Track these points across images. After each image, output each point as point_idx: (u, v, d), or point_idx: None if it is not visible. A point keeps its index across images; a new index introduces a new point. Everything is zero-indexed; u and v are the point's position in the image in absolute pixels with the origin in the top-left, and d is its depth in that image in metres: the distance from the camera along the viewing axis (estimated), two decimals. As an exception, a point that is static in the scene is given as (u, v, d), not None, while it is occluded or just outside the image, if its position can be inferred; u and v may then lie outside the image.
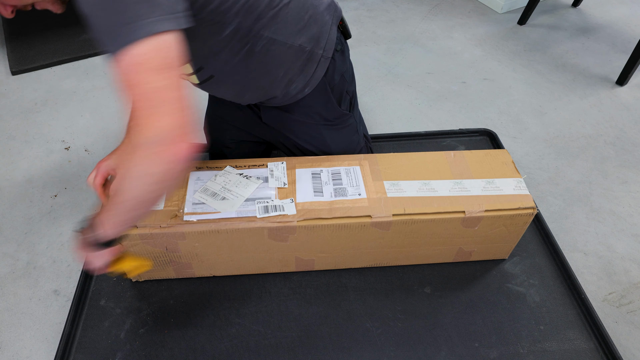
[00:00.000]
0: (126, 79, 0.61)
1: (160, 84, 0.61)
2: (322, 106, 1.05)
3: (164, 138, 0.63)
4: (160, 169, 0.65)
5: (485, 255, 1.14)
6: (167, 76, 0.62)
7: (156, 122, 0.62)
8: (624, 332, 1.13)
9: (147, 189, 0.67)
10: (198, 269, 1.06)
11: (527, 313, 1.06)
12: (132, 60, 0.60)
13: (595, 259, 1.29)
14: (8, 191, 1.43)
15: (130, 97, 0.62)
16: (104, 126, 1.66)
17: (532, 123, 1.73)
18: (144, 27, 0.59)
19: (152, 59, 0.60)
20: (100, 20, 0.60)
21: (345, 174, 1.04)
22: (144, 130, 0.62)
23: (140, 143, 0.63)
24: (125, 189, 0.68)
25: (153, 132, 0.62)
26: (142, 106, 0.62)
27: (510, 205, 1.00)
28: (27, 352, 1.06)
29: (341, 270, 1.12)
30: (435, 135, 1.53)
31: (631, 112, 1.79)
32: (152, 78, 0.61)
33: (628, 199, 1.46)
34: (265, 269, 1.09)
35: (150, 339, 1.00)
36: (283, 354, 0.98)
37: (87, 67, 1.94)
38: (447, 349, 1.00)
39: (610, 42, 2.16)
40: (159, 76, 0.61)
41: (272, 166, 1.04)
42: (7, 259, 1.25)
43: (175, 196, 0.97)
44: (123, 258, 0.90)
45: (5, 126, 1.65)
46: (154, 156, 0.63)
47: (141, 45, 0.59)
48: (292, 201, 0.97)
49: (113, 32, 0.59)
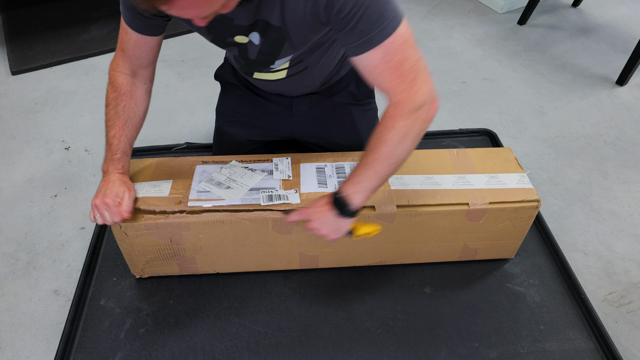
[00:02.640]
0: (397, 58, 0.76)
1: (418, 55, 0.78)
2: (354, 86, 1.15)
3: (427, 100, 0.78)
4: (425, 126, 0.81)
5: (491, 253, 1.13)
6: (418, 49, 0.78)
7: (422, 88, 0.78)
8: (624, 332, 1.13)
9: (412, 147, 0.82)
10: (202, 264, 1.06)
11: (527, 313, 1.06)
12: (401, 40, 0.75)
13: (595, 259, 1.29)
14: (8, 191, 1.43)
15: (394, 77, 0.77)
16: (104, 126, 1.66)
17: (532, 123, 1.73)
18: (399, 13, 0.74)
19: (410, 36, 0.77)
20: (373, 10, 0.72)
21: (349, 169, 1.04)
22: (414, 96, 0.77)
23: (410, 108, 0.78)
24: (393, 152, 0.80)
25: (421, 97, 0.78)
26: (407, 78, 0.77)
27: (514, 198, 1.00)
28: (27, 352, 1.06)
29: (341, 270, 1.12)
30: (435, 135, 1.53)
31: (631, 112, 1.79)
32: (415, 51, 0.77)
33: (628, 199, 1.46)
34: (269, 266, 1.09)
35: (150, 339, 1.00)
36: (283, 354, 0.98)
37: (87, 67, 1.94)
38: (447, 349, 1.00)
39: (610, 42, 2.16)
40: (416, 49, 0.77)
41: (277, 161, 1.05)
42: (7, 259, 1.25)
43: (181, 185, 0.98)
44: (357, 225, 0.92)
45: (5, 126, 1.65)
46: (424, 115, 0.79)
47: (402, 27, 0.74)
48: (296, 191, 0.98)
49: (383, 20, 0.73)
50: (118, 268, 1.11)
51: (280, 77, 1.02)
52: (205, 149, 1.43)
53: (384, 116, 0.82)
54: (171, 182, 0.99)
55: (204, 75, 1.90)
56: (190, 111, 1.73)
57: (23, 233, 1.31)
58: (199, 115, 1.72)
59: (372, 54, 0.76)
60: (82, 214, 1.37)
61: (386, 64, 0.76)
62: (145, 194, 0.96)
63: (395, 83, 0.78)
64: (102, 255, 1.14)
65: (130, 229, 0.94)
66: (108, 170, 0.92)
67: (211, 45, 0.96)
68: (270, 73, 1.01)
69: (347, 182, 0.85)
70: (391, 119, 0.80)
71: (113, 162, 0.92)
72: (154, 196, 0.95)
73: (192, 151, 1.43)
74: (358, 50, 0.77)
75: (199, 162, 1.05)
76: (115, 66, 0.93)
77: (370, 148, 0.82)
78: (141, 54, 0.91)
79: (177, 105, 1.76)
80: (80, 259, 1.24)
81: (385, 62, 0.76)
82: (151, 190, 0.96)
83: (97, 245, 1.15)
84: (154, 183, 0.98)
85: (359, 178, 0.83)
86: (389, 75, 0.77)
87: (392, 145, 0.80)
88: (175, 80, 1.88)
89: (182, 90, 1.83)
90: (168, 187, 0.98)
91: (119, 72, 0.93)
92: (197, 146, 1.44)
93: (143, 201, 0.94)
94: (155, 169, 1.03)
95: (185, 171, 1.02)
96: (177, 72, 1.92)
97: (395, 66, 0.76)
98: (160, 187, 0.97)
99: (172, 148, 1.43)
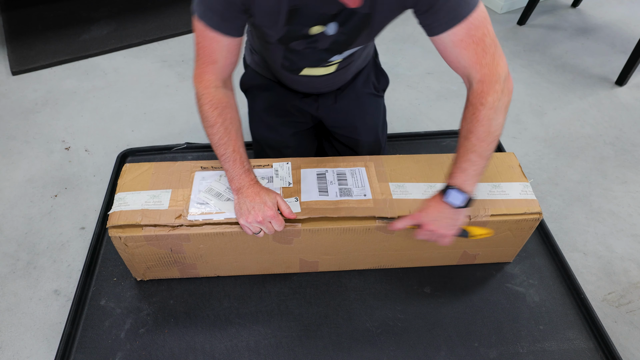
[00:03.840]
0: (480, 32, 0.80)
1: (493, 32, 0.82)
2: (374, 77, 1.19)
3: (507, 73, 0.83)
4: (510, 98, 0.84)
5: (489, 258, 1.13)
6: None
7: (502, 61, 0.82)
8: (623, 332, 1.13)
9: (504, 120, 0.84)
10: (202, 269, 1.06)
11: (526, 313, 1.07)
12: (482, 14, 0.80)
13: (594, 259, 1.29)
14: (8, 191, 1.43)
15: (477, 51, 0.80)
16: (104, 126, 1.67)
17: (531, 123, 1.74)
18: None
19: (486, 11, 0.81)
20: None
21: (350, 175, 1.03)
22: (497, 69, 0.82)
23: (495, 81, 0.81)
24: (490, 130, 0.82)
25: (503, 69, 0.82)
26: (489, 52, 0.81)
27: (516, 210, 0.98)
28: (28, 352, 1.07)
29: (341, 270, 1.12)
30: (435, 135, 1.53)
31: (630, 112, 1.79)
32: (491, 26, 0.81)
33: (627, 199, 1.46)
34: (270, 270, 1.09)
35: (150, 339, 1.00)
36: (283, 354, 0.98)
37: (87, 67, 1.94)
38: (447, 348, 1.00)
39: (610, 42, 2.16)
40: (491, 24, 0.82)
41: (277, 166, 1.04)
42: (8, 259, 1.25)
43: (180, 196, 0.97)
44: (468, 227, 0.93)
45: (5, 126, 1.65)
46: (509, 86, 0.83)
47: (481, 5, 0.80)
48: (296, 200, 0.97)
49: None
50: (118, 268, 1.11)
51: (330, 72, 1.03)
52: (205, 149, 1.44)
53: (470, 98, 0.84)
54: (170, 191, 0.98)
55: (204, 76, 1.90)
56: (190, 111, 1.73)
57: (23, 233, 1.31)
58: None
59: (457, 30, 0.79)
60: (82, 214, 1.37)
61: (470, 39, 0.80)
62: (144, 205, 0.94)
63: (479, 57, 0.81)
64: (103, 255, 1.14)
65: (130, 240, 0.93)
66: (243, 184, 0.91)
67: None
68: (322, 68, 1.01)
69: (454, 172, 0.87)
70: (479, 96, 0.82)
71: (245, 174, 0.91)
72: (154, 209, 0.94)
73: (192, 151, 1.43)
74: (444, 26, 0.79)
75: (197, 167, 1.03)
76: (207, 83, 0.88)
77: (465, 132, 0.85)
78: (232, 59, 0.88)
79: (177, 105, 1.76)
80: (80, 259, 1.24)
81: (469, 36, 0.79)
82: (150, 202, 0.95)
83: (98, 245, 1.16)
84: (153, 193, 0.97)
85: (465, 165, 0.85)
86: (473, 49, 0.80)
87: (487, 123, 0.82)
88: (175, 80, 1.88)
89: (182, 90, 1.83)
90: (167, 197, 0.96)
91: (213, 87, 0.88)
92: (197, 146, 1.44)
93: (143, 214, 0.93)
94: (154, 176, 1.01)
95: (184, 179, 1.00)
96: (177, 72, 1.92)
97: (479, 40, 0.80)
98: (160, 198, 0.96)
99: (172, 148, 1.43)
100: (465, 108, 0.85)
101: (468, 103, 0.84)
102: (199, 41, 0.86)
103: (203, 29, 0.83)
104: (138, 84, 1.86)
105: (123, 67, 1.94)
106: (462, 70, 0.85)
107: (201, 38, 0.85)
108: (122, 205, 0.95)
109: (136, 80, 1.88)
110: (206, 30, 0.83)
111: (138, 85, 1.86)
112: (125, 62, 1.97)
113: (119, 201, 0.96)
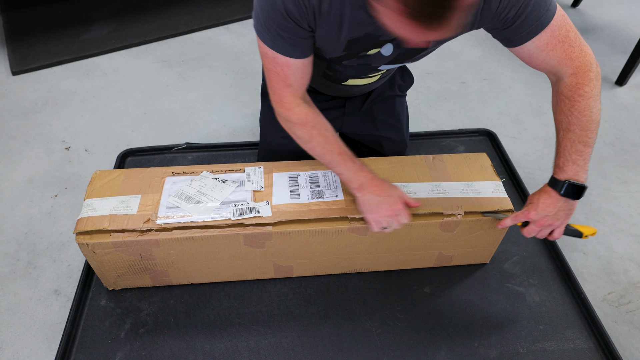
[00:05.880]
0: (563, 30, 0.80)
1: (570, 21, 0.83)
2: (399, 77, 1.20)
3: (594, 57, 0.84)
4: (600, 82, 0.84)
5: (466, 259, 1.13)
6: None
7: (587, 49, 0.83)
8: (623, 332, 1.13)
9: (600, 105, 0.84)
10: (175, 276, 1.05)
11: (526, 313, 1.07)
12: (560, 12, 0.79)
13: (594, 259, 1.29)
14: (8, 191, 1.43)
15: (565, 48, 0.81)
16: (104, 126, 1.66)
17: (531, 123, 1.74)
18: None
19: (561, 8, 0.81)
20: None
21: (322, 177, 1.03)
22: (586, 58, 0.82)
23: (587, 71, 0.82)
24: (592, 118, 0.82)
25: (591, 57, 0.83)
26: (576, 44, 0.82)
27: (488, 208, 0.99)
28: (28, 352, 1.06)
29: (317, 275, 1.12)
30: (435, 135, 1.53)
31: (630, 113, 1.79)
32: (569, 20, 0.82)
33: (627, 199, 1.46)
34: (244, 276, 1.08)
35: (150, 339, 1.00)
36: (283, 354, 0.98)
37: (87, 67, 1.94)
38: (447, 348, 1.00)
39: (610, 42, 2.16)
40: (569, 18, 0.82)
41: (249, 170, 1.03)
42: (8, 259, 1.25)
43: (150, 200, 0.96)
44: (576, 226, 0.94)
45: (5, 126, 1.65)
46: (598, 72, 0.84)
47: (555, 2, 0.79)
48: (267, 204, 0.96)
49: (545, 1, 0.77)
50: (118, 268, 1.11)
51: (373, 81, 1.04)
52: (205, 149, 1.44)
53: (563, 91, 0.84)
54: (140, 197, 0.96)
55: (204, 76, 1.90)
56: (190, 111, 1.73)
57: (23, 233, 1.31)
58: (199, 115, 1.72)
59: (541, 36, 0.79)
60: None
61: (555, 39, 0.80)
62: (113, 210, 0.93)
63: (568, 53, 0.81)
64: (103, 255, 1.14)
65: (98, 247, 0.92)
66: (364, 181, 0.91)
67: (211, 46, 0.95)
68: (367, 78, 1.01)
69: (565, 166, 0.86)
70: (575, 88, 0.82)
71: (361, 171, 0.91)
72: (122, 214, 0.93)
73: (192, 151, 1.43)
74: (527, 37, 0.80)
75: (169, 173, 1.02)
76: (288, 105, 0.88)
77: (565, 125, 0.85)
78: (306, 76, 0.88)
79: (177, 105, 1.76)
80: (80, 259, 1.24)
81: (554, 37, 0.80)
82: (119, 207, 0.94)
83: (98, 245, 1.15)
84: (122, 198, 0.96)
85: (574, 157, 0.85)
86: (561, 48, 0.81)
87: (589, 112, 0.82)
88: (175, 80, 1.88)
89: (182, 90, 1.83)
90: (137, 202, 0.95)
91: (296, 106, 0.88)
92: (197, 146, 1.44)
93: (111, 219, 0.92)
94: (124, 182, 1.00)
95: (154, 184, 0.99)
96: (177, 72, 1.92)
97: (564, 38, 0.80)
98: (129, 203, 0.95)
99: (172, 148, 1.43)
100: (558, 101, 0.85)
101: (562, 96, 0.84)
102: (271, 68, 0.85)
103: (274, 56, 0.82)
104: (138, 84, 1.86)
105: (123, 67, 1.94)
106: (550, 69, 0.85)
107: (273, 65, 0.84)
108: (89, 211, 0.94)
109: (136, 81, 1.88)
110: (277, 57, 0.82)
111: (138, 85, 1.86)
112: (125, 62, 1.97)
113: (86, 207, 0.95)
